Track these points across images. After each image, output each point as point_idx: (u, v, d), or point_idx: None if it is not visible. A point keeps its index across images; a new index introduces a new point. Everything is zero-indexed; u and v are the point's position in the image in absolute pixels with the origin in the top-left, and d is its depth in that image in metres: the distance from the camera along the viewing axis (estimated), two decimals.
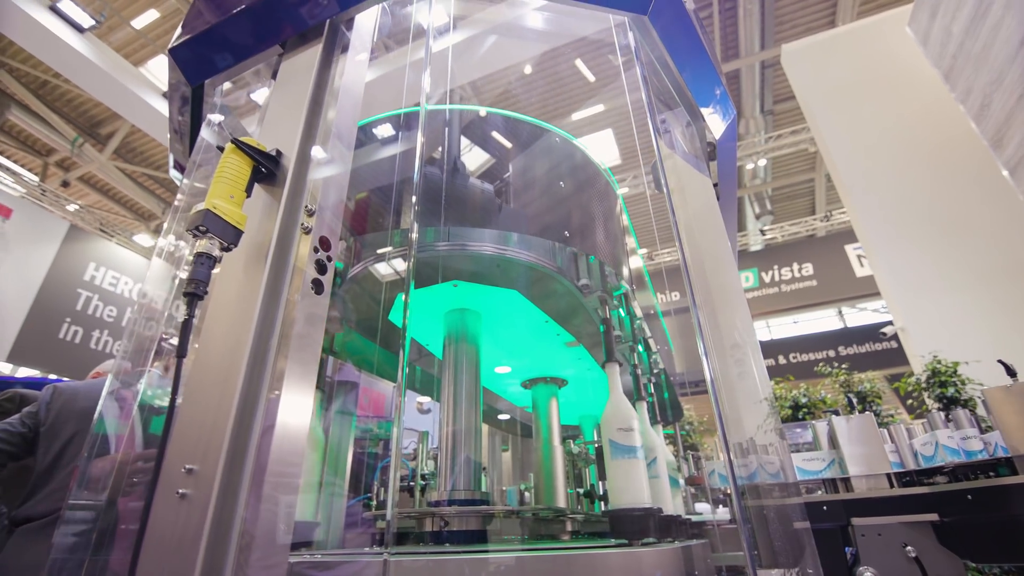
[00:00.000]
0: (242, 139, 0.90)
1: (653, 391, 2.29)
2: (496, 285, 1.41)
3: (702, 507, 2.66)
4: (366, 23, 1.20)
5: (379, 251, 1.35)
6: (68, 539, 0.89)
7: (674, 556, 1.14)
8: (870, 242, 6.21)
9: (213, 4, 1.20)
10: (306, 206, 0.90)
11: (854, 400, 2.61)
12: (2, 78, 10.06)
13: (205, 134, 1.35)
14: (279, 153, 0.96)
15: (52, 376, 9.81)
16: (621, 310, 1.89)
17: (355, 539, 1.63)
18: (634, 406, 1.69)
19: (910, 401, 4.15)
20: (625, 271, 1.88)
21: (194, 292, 0.77)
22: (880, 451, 1.99)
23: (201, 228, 0.79)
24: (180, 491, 0.67)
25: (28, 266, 9.59)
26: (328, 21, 1.14)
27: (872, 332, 11.32)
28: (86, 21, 6.35)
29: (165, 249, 1.17)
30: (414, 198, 1.09)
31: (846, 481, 2.04)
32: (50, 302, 9.80)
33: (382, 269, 1.39)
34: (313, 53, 1.11)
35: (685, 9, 1.20)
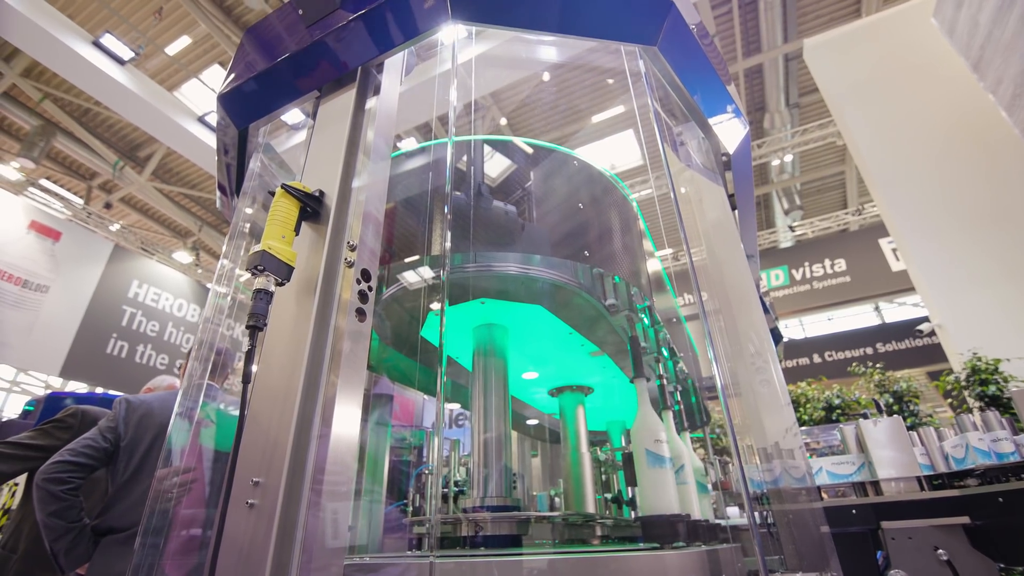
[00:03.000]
0: (290, 184, 1.00)
1: (680, 399, 2.33)
2: (521, 301, 1.49)
3: (733, 511, 2.68)
4: (395, 65, 1.30)
5: (413, 270, 1.45)
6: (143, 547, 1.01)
7: (698, 559, 1.19)
8: (902, 237, 6.07)
9: (256, 57, 1.32)
10: (348, 242, 1.00)
11: (882, 404, 2.59)
12: (48, 108, 10.68)
13: (253, 165, 1.48)
14: (321, 193, 1.06)
15: (99, 390, 10.33)
16: (645, 319, 1.95)
17: (391, 543, 1.72)
18: (660, 415, 1.75)
19: (950, 400, 4.03)
20: (644, 280, 1.94)
21: (255, 325, 0.87)
22: (909, 454, 1.98)
23: (259, 267, 0.89)
24: (249, 501, 0.77)
25: (77, 285, 10.13)
26: (360, 67, 1.24)
27: (912, 328, 10.96)
28: (126, 54, 6.73)
29: (224, 274, 1.29)
30: (449, 219, 1.18)
31: (875, 484, 2.03)
32: (97, 319, 10.33)
33: (416, 287, 1.48)
34: (348, 97, 1.22)
35: (694, 37, 1.26)
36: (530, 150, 1.62)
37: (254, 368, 0.89)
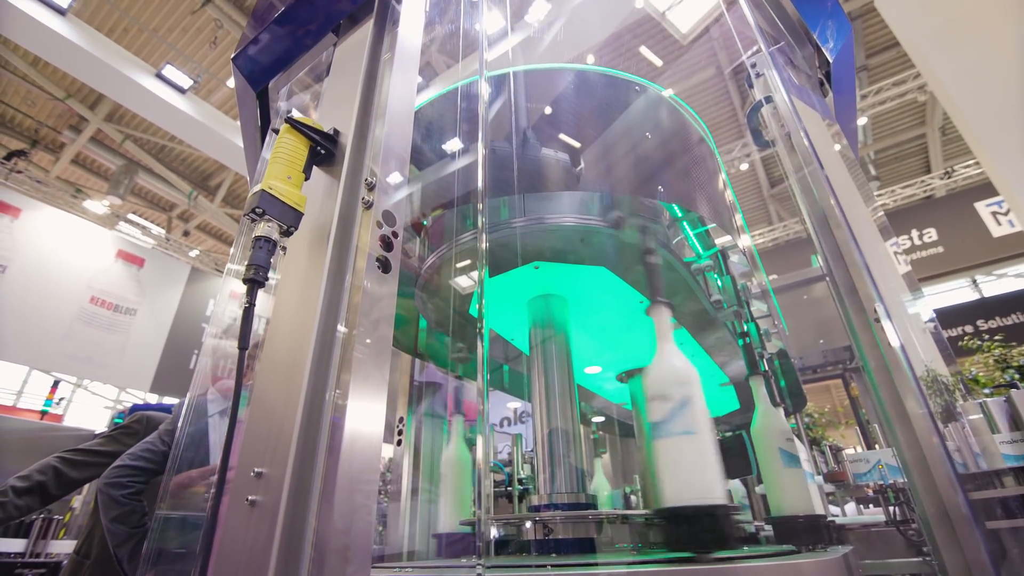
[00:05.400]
0: (297, 118, 0.84)
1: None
2: (581, 263, 1.27)
3: (848, 507, 2.33)
4: None
5: (456, 237, 1.26)
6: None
7: (838, 567, 0.92)
8: (1016, 194, 5.27)
9: (265, 6, 1.18)
10: (366, 180, 0.82)
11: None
12: (129, 148, 11.60)
13: (266, 154, 1.35)
14: (336, 132, 0.90)
15: None
16: (747, 315, 1.70)
17: (454, 548, 1.54)
18: None
19: None
20: (739, 244, 1.67)
21: (254, 278, 0.70)
22: None
23: (257, 210, 0.73)
24: (250, 498, 0.60)
25: (160, 307, 10.90)
26: None
27: (1019, 301, 9.69)
28: (186, 83, 7.13)
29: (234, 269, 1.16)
30: (484, 167, 0.98)
31: None
32: (180, 337, 11.05)
33: (456, 259, 1.30)
34: (364, 31, 1.05)
35: None
36: (583, 81, 1.38)
37: (261, 331, 0.73)
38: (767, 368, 1.72)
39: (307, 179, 0.83)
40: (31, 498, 2.18)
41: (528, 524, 1.14)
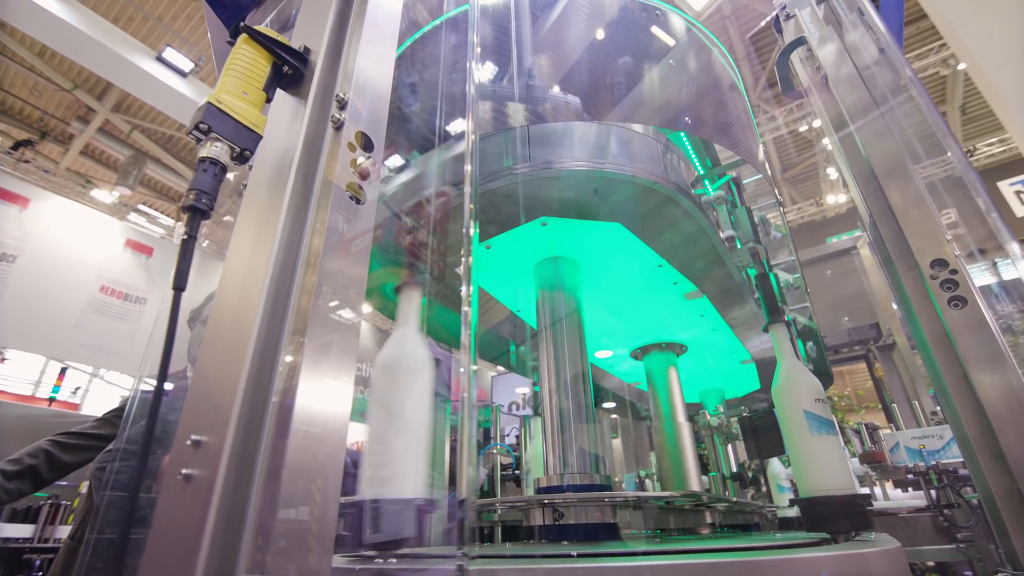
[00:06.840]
0: (256, 27, 0.71)
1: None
2: (593, 218, 1.13)
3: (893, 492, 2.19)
4: None
5: (452, 185, 1.12)
6: None
7: (899, 556, 0.78)
8: None
9: None
10: (337, 95, 0.69)
11: None
12: (137, 138, 11.55)
13: None
14: (307, 50, 0.76)
15: None
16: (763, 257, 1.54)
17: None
18: None
19: None
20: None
21: (194, 205, 0.58)
22: None
23: (202, 126, 0.60)
24: (184, 471, 0.48)
25: (169, 296, 10.89)
26: None
27: None
28: (187, 66, 7.01)
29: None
30: (474, 100, 0.85)
31: None
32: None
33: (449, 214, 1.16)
34: None
35: None
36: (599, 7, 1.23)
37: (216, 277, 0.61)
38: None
39: (269, 100, 0.70)
40: (22, 482, 2.11)
41: (536, 507, 1.02)
